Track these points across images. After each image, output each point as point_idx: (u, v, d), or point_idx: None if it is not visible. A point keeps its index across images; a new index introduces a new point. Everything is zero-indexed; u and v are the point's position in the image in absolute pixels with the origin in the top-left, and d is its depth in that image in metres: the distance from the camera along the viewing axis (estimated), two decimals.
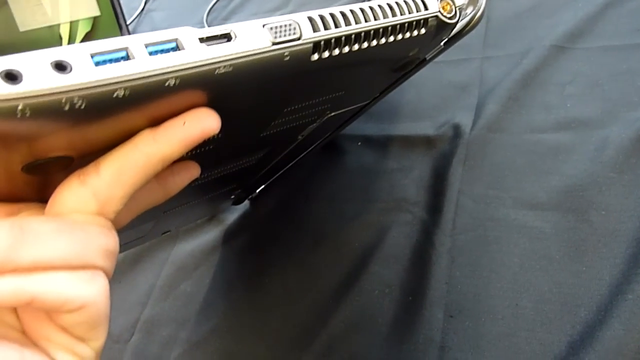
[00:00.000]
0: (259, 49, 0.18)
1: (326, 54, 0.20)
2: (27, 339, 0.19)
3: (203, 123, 0.18)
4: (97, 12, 0.68)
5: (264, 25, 0.18)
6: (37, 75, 0.14)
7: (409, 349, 0.36)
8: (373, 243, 0.42)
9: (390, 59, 0.28)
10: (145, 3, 0.94)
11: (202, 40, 0.17)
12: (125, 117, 0.16)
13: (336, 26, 0.20)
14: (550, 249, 0.36)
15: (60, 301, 0.17)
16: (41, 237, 0.16)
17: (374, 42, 0.22)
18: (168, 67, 0.16)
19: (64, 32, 0.73)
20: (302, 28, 0.19)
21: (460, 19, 0.26)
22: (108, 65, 0.15)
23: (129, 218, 0.22)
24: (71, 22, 0.71)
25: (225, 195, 0.44)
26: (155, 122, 0.18)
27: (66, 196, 0.18)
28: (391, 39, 0.22)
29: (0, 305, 0.16)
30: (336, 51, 0.21)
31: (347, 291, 0.40)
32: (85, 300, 0.17)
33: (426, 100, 0.50)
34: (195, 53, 0.16)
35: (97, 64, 0.15)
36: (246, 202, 0.52)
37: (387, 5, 0.22)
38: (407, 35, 0.23)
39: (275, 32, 0.18)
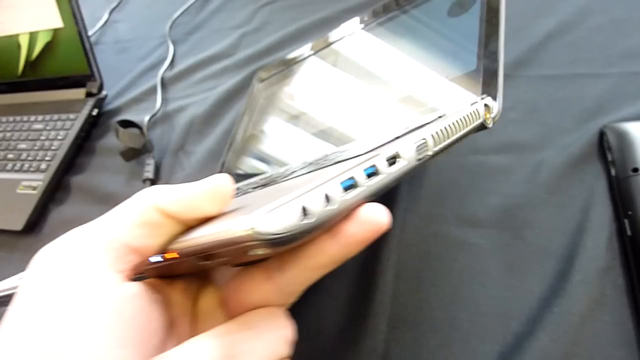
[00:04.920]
0: (410, 167, 0.21)
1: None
2: None
3: (379, 225, 0.19)
4: (59, 24, 0.68)
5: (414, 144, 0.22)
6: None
7: (352, 359, 0.37)
8: None
9: None
10: (110, 13, 0.94)
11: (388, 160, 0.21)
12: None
13: (440, 142, 0.24)
14: (488, 265, 0.38)
15: None
16: (245, 351, 0.19)
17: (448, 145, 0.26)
18: (376, 190, 0.20)
19: (23, 42, 0.72)
20: (429, 145, 0.23)
21: None
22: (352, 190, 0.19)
23: None
24: (31, 32, 0.71)
25: None
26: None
27: (253, 290, 0.21)
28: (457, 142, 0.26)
29: None
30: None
31: (297, 303, 0.42)
32: None
33: None
34: (387, 174, 0.20)
35: (345, 188, 0.19)
36: None
37: (464, 118, 0.26)
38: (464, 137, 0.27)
39: (418, 151, 0.22)
